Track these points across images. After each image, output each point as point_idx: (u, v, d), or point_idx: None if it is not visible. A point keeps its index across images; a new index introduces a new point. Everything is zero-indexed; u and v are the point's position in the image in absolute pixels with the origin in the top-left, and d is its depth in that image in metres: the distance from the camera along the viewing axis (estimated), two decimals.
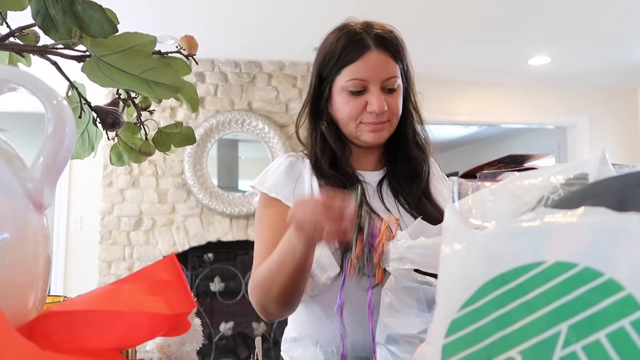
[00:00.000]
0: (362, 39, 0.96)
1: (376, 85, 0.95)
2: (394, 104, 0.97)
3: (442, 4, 2.83)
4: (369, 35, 0.96)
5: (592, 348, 0.24)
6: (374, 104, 0.94)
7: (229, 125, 3.58)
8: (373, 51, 0.95)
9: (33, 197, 0.35)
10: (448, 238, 0.33)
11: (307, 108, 1.04)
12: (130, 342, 0.34)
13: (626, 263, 0.25)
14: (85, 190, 3.57)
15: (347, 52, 0.96)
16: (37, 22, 0.47)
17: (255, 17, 2.99)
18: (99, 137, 0.66)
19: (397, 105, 0.98)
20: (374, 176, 1.04)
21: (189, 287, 0.37)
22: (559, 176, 0.35)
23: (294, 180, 1.00)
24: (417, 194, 1.00)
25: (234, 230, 3.54)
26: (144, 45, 0.47)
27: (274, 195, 1.00)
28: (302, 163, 1.03)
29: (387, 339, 0.76)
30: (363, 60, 0.95)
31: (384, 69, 0.95)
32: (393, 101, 0.97)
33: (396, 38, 0.99)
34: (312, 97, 1.03)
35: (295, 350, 1.01)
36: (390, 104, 0.96)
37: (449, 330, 0.29)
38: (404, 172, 1.02)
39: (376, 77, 0.94)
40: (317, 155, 1.02)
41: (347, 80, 0.96)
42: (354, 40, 0.96)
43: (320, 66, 1.01)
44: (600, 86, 4.33)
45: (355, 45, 0.95)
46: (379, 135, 0.97)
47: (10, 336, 0.26)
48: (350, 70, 0.96)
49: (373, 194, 1.01)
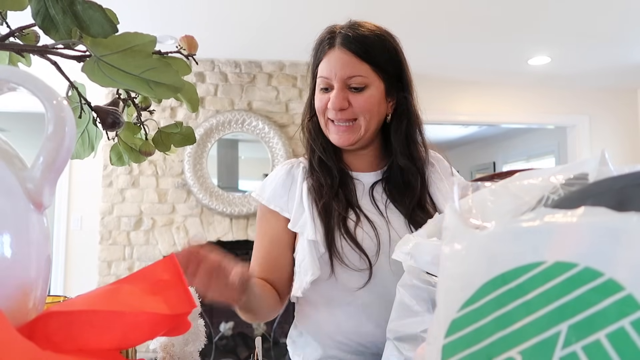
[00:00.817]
0: (330, 38, 0.98)
1: (338, 83, 0.96)
2: (357, 102, 0.96)
3: (442, 4, 2.83)
4: (338, 34, 0.98)
5: (592, 348, 0.24)
6: (330, 100, 0.97)
7: (229, 125, 3.58)
8: (335, 50, 0.97)
9: (33, 197, 0.35)
10: (448, 238, 0.33)
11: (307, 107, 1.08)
12: (130, 342, 0.34)
13: (626, 263, 0.25)
14: (85, 190, 3.58)
15: (318, 51, 1.01)
16: (37, 22, 0.47)
17: (255, 17, 2.98)
18: (99, 137, 0.66)
19: (362, 104, 0.96)
20: (369, 177, 1.04)
21: (189, 287, 0.37)
22: (559, 176, 0.35)
23: (288, 190, 1.03)
24: (409, 206, 1.00)
25: (234, 230, 3.54)
26: (144, 45, 0.47)
27: (272, 207, 1.03)
28: (297, 168, 1.06)
29: (396, 336, 0.76)
30: (326, 59, 0.98)
31: (345, 68, 0.95)
32: (357, 100, 0.96)
33: (373, 38, 0.97)
34: (310, 94, 1.07)
35: (297, 345, 1.04)
36: (354, 102, 0.96)
37: (449, 330, 0.29)
38: (398, 181, 1.02)
39: (336, 75, 0.96)
40: (311, 147, 1.05)
41: (318, 77, 1.00)
42: (324, 40, 0.99)
43: (311, 66, 1.05)
44: (600, 86, 4.33)
45: (324, 45, 0.99)
46: (343, 138, 0.99)
47: (10, 336, 0.26)
48: (320, 68, 1.00)
49: (363, 194, 1.01)
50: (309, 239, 0.96)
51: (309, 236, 0.96)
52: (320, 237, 0.95)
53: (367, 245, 0.94)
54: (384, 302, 0.94)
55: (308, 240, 0.96)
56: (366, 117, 0.97)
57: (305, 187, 1.01)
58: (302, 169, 1.05)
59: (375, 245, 0.94)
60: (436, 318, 0.31)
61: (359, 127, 0.98)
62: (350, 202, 0.99)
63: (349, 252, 0.94)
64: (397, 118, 1.02)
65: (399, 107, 1.01)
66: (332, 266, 0.94)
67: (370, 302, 0.95)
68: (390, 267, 0.94)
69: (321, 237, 0.95)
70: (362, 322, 0.96)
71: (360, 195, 1.01)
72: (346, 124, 0.98)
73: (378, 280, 0.94)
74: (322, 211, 0.97)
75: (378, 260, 0.94)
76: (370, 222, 0.96)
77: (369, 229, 0.96)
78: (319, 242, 0.95)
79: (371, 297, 0.95)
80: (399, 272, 0.93)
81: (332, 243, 0.94)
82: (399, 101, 1.01)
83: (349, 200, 0.99)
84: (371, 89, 0.97)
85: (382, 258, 0.94)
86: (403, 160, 1.01)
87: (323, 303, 0.99)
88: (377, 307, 0.95)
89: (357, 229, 0.95)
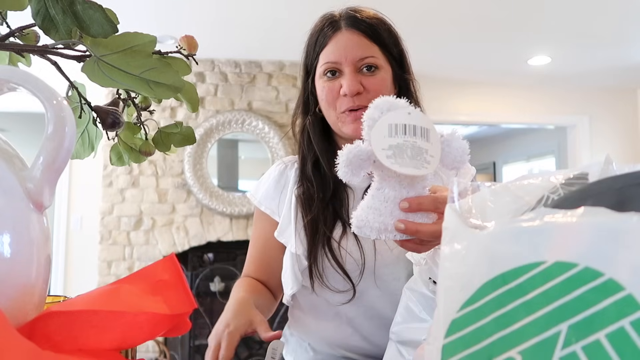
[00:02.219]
0: (334, 21, 0.92)
1: (349, 67, 0.89)
2: (373, 85, 0.89)
3: (442, 5, 2.83)
4: (341, 18, 0.93)
5: (592, 348, 0.24)
6: (344, 85, 0.89)
7: (229, 125, 3.58)
8: (343, 31, 0.91)
9: (33, 197, 0.35)
10: (448, 238, 0.33)
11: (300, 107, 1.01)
12: (130, 342, 0.34)
13: (626, 263, 0.25)
14: (85, 190, 3.57)
15: (320, 36, 0.93)
16: (37, 22, 0.47)
17: (255, 17, 2.98)
18: (99, 137, 0.66)
19: (377, 87, 0.89)
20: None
21: (189, 287, 0.37)
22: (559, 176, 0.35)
23: (280, 193, 1.00)
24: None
25: (234, 230, 3.54)
26: (144, 45, 0.47)
27: (263, 209, 1.01)
28: (290, 170, 1.02)
29: (399, 339, 0.76)
30: (334, 41, 0.91)
31: (356, 48, 0.89)
32: (372, 82, 0.89)
33: (377, 19, 0.93)
34: (301, 93, 1.00)
35: (290, 345, 1.04)
36: (368, 86, 0.89)
37: (449, 330, 0.29)
38: None
39: (347, 57, 0.89)
40: (303, 153, 0.99)
41: (322, 65, 0.92)
42: (326, 25, 0.93)
43: (304, 59, 0.98)
44: (600, 86, 4.32)
45: (328, 29, 0.92)
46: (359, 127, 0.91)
47: (10, 336, 0.26)
48: (324, 54, 0.92)
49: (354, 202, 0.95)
50: (291, 252, 0.93)
51: (291, 249, 0.93)
52: (303, 252, 0.92)
53: (350, 267, 0.90)
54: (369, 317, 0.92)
55: (291, 252, 0.93)
56: None
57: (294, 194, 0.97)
58: (295, 170, 1.01)
59: (359, 266, 0.90)
60: (436, 318, 0.31)
61: None
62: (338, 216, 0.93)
63: (331, 274, 0.90)
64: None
65: (403, 93, 0.95)
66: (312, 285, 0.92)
67: (357, 316, 0.93)
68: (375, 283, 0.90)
69: (303, 253, 0.92)
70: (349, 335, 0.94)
71: (352, 204, 0.95)
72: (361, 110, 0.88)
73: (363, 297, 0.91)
74: (308, 226, 0.92)
75: (362, 279, 0.90)
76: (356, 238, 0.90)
77: (354, 248, 0.91)
78: (301, 256, 0.92)
79: (358, 312, 0.92)
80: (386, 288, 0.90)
81: (314, 262, 0.90)
82: (403, 87, 0.96)
83: (337, 214, 0.93)
84: (382, 72, 0.91)
85: (367, 276, 0.90)
86: None
87: (310, 311, 0.98)
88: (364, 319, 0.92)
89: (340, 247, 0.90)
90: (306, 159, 0.98)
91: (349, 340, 0.94)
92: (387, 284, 0.91)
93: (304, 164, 0.98)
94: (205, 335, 3.64)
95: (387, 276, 0.91)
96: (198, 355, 3.57)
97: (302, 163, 0.99)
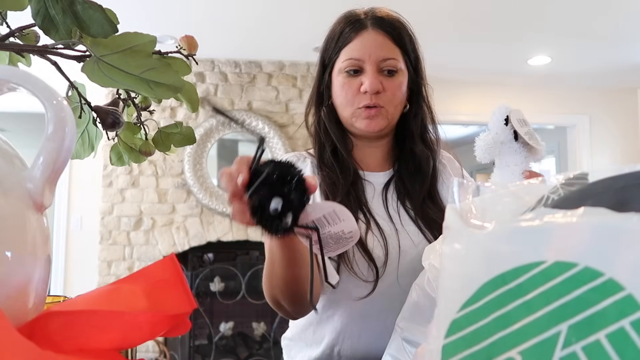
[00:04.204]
0: (359, 20, 0.94)
1: (372, 65, 0.92)
2: (391, 87, 0.93)
3: (443, 5, 2.83)
4: (367, 17, 0.95)
5: (592, 348, 0.24)
6: (366, 83, 0.91)
7: (229, 125, 3.58)
8: (369, 30, 0.93)
9: (33, 197, 0.35)
10: (448, 238, 0.33)
11: (314, 98, 1.02)
12: (130, 342, 0.34)
13: (626, 263, 0.25)
14: (85, 190, 3.57)
15: (345, 33, 0.95)
16: (37, 22, 0.47)
17: (255, 17, 2.98)
18: (99, 137, 0.66)
19: (395, 89, 0.93)
20: (380, 177, 1.00)
21: (189, 287, 0.37)
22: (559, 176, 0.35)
23: None
24: (421, 195, 0.96)
25: (234, 230, 3.54)
26: (144, 45, 0.47)
27: None
28: (303, 162, 1.00)
29: (405, 337, 0.76)
30: (358, 39, 0.93)
31: (380, 49, 0.92)
32: (391, 84, 0.93)
33: (400, 23, 0.96)
34: (316, 85, 1.01)
35: (291, 349, 1.02)
36: (387, 87, 0.92)
37: (449, 330, 0.29)
38: (410, 168, 0.99)
39: (371, 56, 0.91)
40: (321, 141, 0.99)
41: (344, 61, 0.94)
42: (352, 22, 0.94)
43: (323, 53, 0.99)
44: (600, 86, 4.32)
45: (353, 26, 0.94)
46: (373, 123, 0.93)
47: (10, 336, 0.26)
48: (346, 50, 0.94)
49: (373, 196, 0.97)
50: None
51: None
52: None
53: (376, 254, 0.89)
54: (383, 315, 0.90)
55: None
56: (394, 104, 0.94)
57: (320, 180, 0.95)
58: (309, 163, 0.99)
59: (383, 255, 0.89)
60: (436, 318, 0.31)
61: (386, 113, 0.94)
62: (360, 203, 0.94)
63: (359, 260, 0.88)
64: (414, 107, 0.99)
65: (415, 98, 0.99)
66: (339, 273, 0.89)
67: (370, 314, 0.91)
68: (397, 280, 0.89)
69: None
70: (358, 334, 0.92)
71: (371, 197, 0.96)
72: (378, 109, 0.93)
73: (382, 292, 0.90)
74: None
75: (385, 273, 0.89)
76: (380, 229, 0.91)
77: (379, 236, 0.91)
78: None
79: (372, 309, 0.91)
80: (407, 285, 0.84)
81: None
82: (416, 92, 0.99)
83: (359, 201, 0.94)
84: (400, 75, 0.94)
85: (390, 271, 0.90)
86: (418, 145, 0.98)
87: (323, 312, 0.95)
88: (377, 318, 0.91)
89: (367, 235, 0.90)
90: (324, 147, 0.98)
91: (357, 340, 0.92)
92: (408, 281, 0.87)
93: (322, 152, 0.99)
94: (205, 336, 3.64)
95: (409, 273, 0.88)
96: (198, 355, 3.57)
97: (320, 151, 0.99)
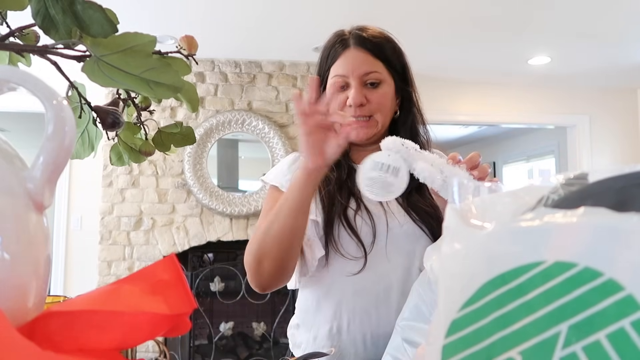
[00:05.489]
0: (344, 40, 1.04)
1: (355, 80, 1.01)
2: (375, 98, 1.01)
3: (443, 5, 2.83)
4: (350, 36, 1.04)
5: (592, 348, 0.24)
6: (350, 96, 1.01)
7: (229, 125, 3.58)
8: (352, 49, 1.02)
9: (33, 197, 0.35)
10: (448, 238, 0.33)
11: None
12: (130, 342, 0.34)
13: (626, 263, 0.25)
14: (85, 190, 3.58)
15: (332, 52, 1.06)
16: (37, 22, 0.47)
17: (255, 17, 2.99)
18: (99, 137, 0.66)
19: (380, 99, 1.02)
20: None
21: (189, 287, 0.37)
22: (559, 176, 0.35)
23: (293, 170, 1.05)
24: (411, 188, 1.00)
25: (234, 230, 3.54)
26: (144, 45, 0.47)
27: (273, 183, 1.06)
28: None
29: (406, 337, 0.76)
30: (343, 57, 1.03)
31: (362, 64, 1.01)
32: (375, 95, 1.02)
33: (382, 38, 1.04)
34: None
35: (297, 337, 1.07)
36: (371, 98, 1.01)
37: (449, 330, 0.29)
38: None
39: (354, 72, 1.01)
40: None
41: (332, 77, 1.04)
42: (338, 42, 1.05)
43: (317, 70, 1.09)
44: (600, 86, 4.32)
45: (338, 46, 1.04)
46: (362, 133, 1.02)
47: (10, 336, 0.26)
48: (334, 68, 1.04)
49: None
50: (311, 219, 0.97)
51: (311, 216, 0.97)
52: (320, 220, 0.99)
53: (364, 233, 0.98)
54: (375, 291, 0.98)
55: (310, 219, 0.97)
56: (382, 112, 1.03)
57: None
58: None
59: (371, 234, 0.98)
60: (436, 318, 0.31)
61: (375, 122, 1.03)
62: (352, 192, 1.03)
63: (346, 240, 0.98)
64: (404, 113, 1.08)
65: (405, 104, 1.08)
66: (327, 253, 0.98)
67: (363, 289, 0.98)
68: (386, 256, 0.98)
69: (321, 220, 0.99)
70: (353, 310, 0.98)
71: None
72: (364, 119, 1.02)
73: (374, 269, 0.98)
74: (325, 198, 1.01)
75: (373, 250, 0.98)
76: (369, 212, 1.00)
77: (367, 218, 1.00)
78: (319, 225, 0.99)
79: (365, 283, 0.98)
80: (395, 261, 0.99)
81: (330, 231, 0.98)
82: (405, 98, 1.08)
83: (351, 191, 1.03)
84: (385, 86, 1.03)
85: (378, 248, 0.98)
86: None
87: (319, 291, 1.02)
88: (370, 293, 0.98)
89: (356, 217, 0.99)
90: None
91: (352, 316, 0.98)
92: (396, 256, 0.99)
93: None
94: (205, 336, 3.65)
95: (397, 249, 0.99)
96: (198, 355, 3.57)
97: None
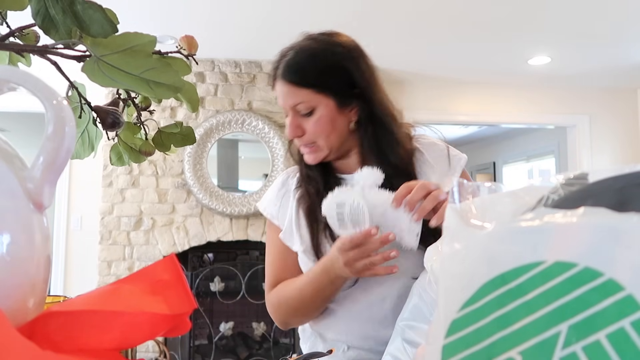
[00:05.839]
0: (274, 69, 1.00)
1: (289, 112, 0.99)
2: (310, 126, 0.97)
3: (443, 5, 2.83)
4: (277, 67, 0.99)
5: (592, 348, 0.24)
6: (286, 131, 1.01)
7: (229, 125, 3.58)
8: (278, 82, 0.99)
9: (33, 197, 0.35)
10: (448, 238, 0.33)
11: None
12: (130, 342, 0.34)
13: (626, 263, 0.25)
14: (85, 190, 3.58)
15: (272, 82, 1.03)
16: (37, 22, 0.47)
17: (255, 17, 2.98)
18: (99, 137, 0.66)
19: (313, 127, 0.97)
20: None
21: (189, 287, 0.37)
22: (559, 176, 0.35)
23: (281, 198, 1.08)
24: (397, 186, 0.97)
25: (234, 230, 3.54)
26: (144, 45, 0.47)
27: (266, 214, 1.09)
28: (292, 178, 1.09)
29: (406, 337, 0.76)
30: (276, 90, 1.01)
31: (287, 98, 0.97)
32: (309, 124, 0.97)
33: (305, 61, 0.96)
34: None
35: (305, 342, 1.08)
36: (306, 127, 0.98)
37: (449, 330, 0.29)
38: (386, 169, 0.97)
39: (284, 105, 0.99)
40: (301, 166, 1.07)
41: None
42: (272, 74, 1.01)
43: None
44: (600, 86, 4.32)
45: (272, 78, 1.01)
46: (311, 158, 1.00)
47: (10, 336, 0.26)
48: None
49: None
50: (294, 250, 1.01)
51: (293, 247, 1.01)
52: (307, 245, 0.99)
53: None
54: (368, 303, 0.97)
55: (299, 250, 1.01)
56: (322, 137, 0.98)
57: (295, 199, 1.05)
58: (297, 178, 1.08)
59: None
60: (436, 318, 0.31)
61: (320, 147, 0.99)
62: None
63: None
64: (361, 126, 0.99)
65: (361, 114, 0.99)
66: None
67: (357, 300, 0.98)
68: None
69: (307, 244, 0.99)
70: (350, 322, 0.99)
71: None
72: (309, 146, 0.99)
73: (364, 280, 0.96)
74: (307, 217, 1.00)
75: None
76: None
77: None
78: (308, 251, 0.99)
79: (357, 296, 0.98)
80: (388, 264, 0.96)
81: (318, 248, 0.98)
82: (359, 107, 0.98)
83: None
84: (319, 110, 0.96)
85: None
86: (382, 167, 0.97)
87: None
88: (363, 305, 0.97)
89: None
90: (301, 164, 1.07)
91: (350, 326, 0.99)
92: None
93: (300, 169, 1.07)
94: (205, 336, 3.65)
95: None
96: (198, 355, 3.57)
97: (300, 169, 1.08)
